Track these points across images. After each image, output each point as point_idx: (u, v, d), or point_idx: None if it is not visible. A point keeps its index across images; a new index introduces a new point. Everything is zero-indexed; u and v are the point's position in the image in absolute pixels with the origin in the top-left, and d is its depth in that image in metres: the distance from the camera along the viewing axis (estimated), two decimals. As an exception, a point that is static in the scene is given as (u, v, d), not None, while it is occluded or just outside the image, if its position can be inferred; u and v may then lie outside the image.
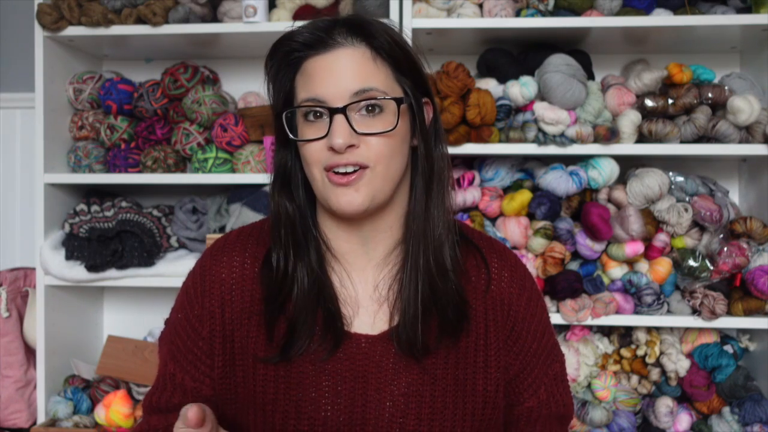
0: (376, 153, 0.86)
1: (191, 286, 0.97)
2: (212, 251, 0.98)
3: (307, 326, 0.90)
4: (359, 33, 0.86)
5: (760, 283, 1.73)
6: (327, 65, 0.85)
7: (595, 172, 1.79)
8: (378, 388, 0.90)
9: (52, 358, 1.95)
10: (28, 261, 2.16)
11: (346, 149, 0.84)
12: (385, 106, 0.86)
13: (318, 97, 0.85)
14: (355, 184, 0.86)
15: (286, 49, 0.88)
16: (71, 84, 2.01)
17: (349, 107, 0.85)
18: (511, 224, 1.81)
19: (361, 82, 0.85)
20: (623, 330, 1.90)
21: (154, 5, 1.83)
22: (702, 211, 1.79)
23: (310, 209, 0.95)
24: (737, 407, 1.81)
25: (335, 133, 0.84)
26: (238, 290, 0.94)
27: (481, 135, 1.77)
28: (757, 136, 1.76)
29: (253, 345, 0.92)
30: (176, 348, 0.96)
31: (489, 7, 1.81)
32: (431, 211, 0.92)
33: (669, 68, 1.80)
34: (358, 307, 0.93)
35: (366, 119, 0.86)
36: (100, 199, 1.99)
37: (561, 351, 1.02)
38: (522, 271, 1.00)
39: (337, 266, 0.94)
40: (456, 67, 1.78)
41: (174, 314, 0.99)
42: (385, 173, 0.87)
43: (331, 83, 0.85)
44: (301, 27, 0.87)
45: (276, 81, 0.91)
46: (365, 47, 0.87)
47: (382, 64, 0.87)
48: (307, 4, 1.90)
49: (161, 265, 1.93)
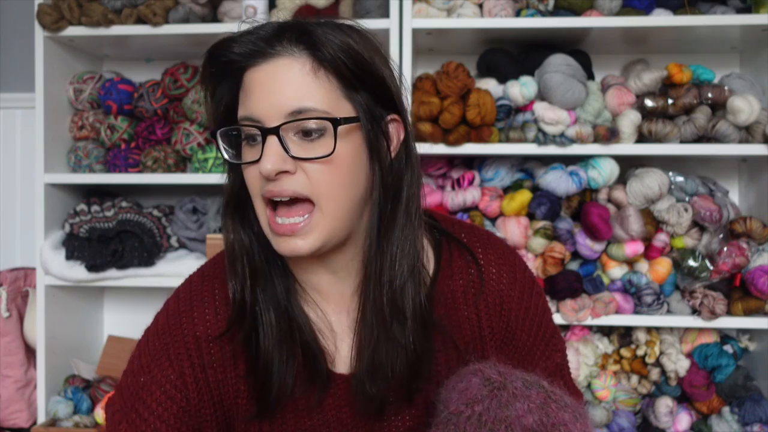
0: (317, 183, 0.75)
1: (159, 349, 0.84)
2: (178, 305, 0.86)
3: (284, 366, 0.81)
4: (302, 40, 0.75)
5: (760, 283, 1.73)
6: (263, 79, 0.75)
7: (595, 172, 1.80)
8: (380, 430, 0.86)
9: (52, 358, 1.95)
10: (28, 261, 2.17)
11: (278, 175, 0.74)
12: (325, 128, 0.74)
13: (253, 116, 0.75)
14: (301, 233, 0.76)
15: (224, 59, 0.77)
16: (71, 84, 2.01)
17: (284, 128, 0.74)
18: (511, 224, 1.81)
19: (297, 101, 0.73)
20: (623, 330, 1.90)
21: (154, 5, 1.83)
22: (702, 211, 1.79)
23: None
24: (737, 407, 1.81)
25: (265, 157, 0.73)
26: (217, 345, 0.84)
27: (481, 135, 1.77)
28: (757, 136, 1.76)
29: (243, 404, 0.85)
30: (140, 419, 0.82)
31: (489, 7, 1.81)
32: (390, 251, 0.80)
33: (669, 68, 1.80)
34: (337, 340, 0.85)
35: (304, 143, 0.75)
36: (101, 199, 1.99)
37: (561, 339, 0.96)
38: (511, 258, 0.92)
39: (310, 299, 0.86)
40: (456, 67, 1.78)
41: (132, 378, 0.85)
42: (335, 212, 0.76)
43: (266, 101, 0.74)
44: (243, 33, 0.77)
45: (216, 93, 0.80)
46: (306, 57, 0.75)
47: (325, 77, 0.75)
48: (307, 4, 1.90)
49: (161, 265, 1.93)
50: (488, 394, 0.75)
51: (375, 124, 0.78)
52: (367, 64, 0.76)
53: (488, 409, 0.74)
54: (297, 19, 0.79)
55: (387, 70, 0.80)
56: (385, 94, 0.79)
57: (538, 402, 0.74)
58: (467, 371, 0.81)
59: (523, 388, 0.76)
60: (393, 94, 0.80)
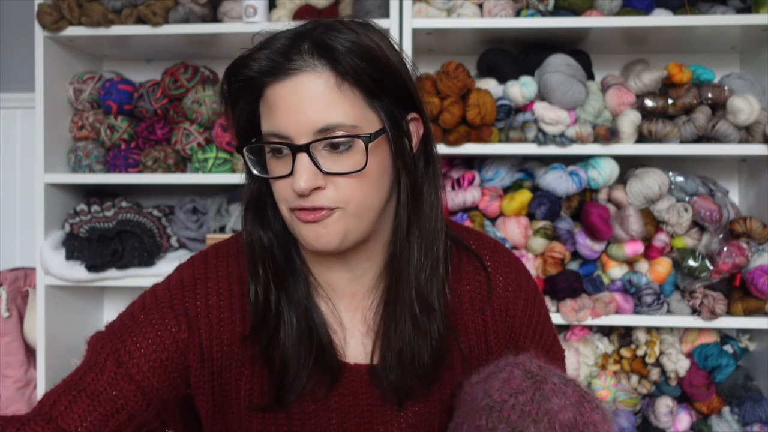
0: (346, 194, 0.76)
1: (166, 299, 0.83)
2: (193, 271, 0.86)
3: (301, 363, 0.82)
4: (322, 55, 0.74)
5: (760, 283, 1.73)
6: (287, 96, 0.74)
7: (595, 172, 1.80)
8: (384, 421, 0.86)
9: (52, 358, 1.95)
10: (28, 261, 2.17)
11: (311, 192, 0.75)
12: (354, 142, 0.75)
13: (280, 133, 0.75)
14: (323, 221, 0.76)
15: (242, 77, 0.76)
16: (71, 84, 2.01)
17: (314, 144, 0.74)
18: (511, 224, 1.81)
19: (324, 117, 0.73)
20: (623, 330, 1.90)
21: (154, 5, 1.83)
22: (702, 211, 1.79)
23: (291, 236, 0.83)
24: (737, 407, 1.81)
25: (298, 175, 0.74)
26: (228, 322, 0.84)
27: (481, 135, 1.77)
28: (757, 136, 1.76)
29: (246, 389, 0.85)
30: (124, 349, 0.80)
31: (489, 7, 1.81)
32: (416, 247, 0.82)
33: (669, 68, 1.80)
34: (347, 335, 0.86)
35: (333, 156, 0.75)
36: (101, 199, 1.99)
37: (560, 347, 0.98)
38: (516, 267, 0.94)
39: (323, 294, 0.87)
40: (456, 67, 1.78)
41: (127, 316, 0.84)
42: (359, 212, 0.77)
43: (293, 118, 0.74)
44: (257, 49, 0.75)
45: (237, 108, 0.80)
46: (329, 72, 0.74)
47: (349, 90, 0.75)
48: (307, 4, 1.90)
49: (161, 265, 1.93)
50: (531, 386, 0.78)
51: (398, 128, 0.79)
52: (386, 67, 0.76)
53: (531, 400, 0.76)
54: (310, 25, 0.78)
55: (403, 68, 0.80)
56: (404, 94, 0.80)
57: (573, 399, 0.77)
58: (506, 363, 0.83)
59: (561, 384, 0.78)
60: (411, 92, 0.81)
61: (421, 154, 0.84)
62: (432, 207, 0.83)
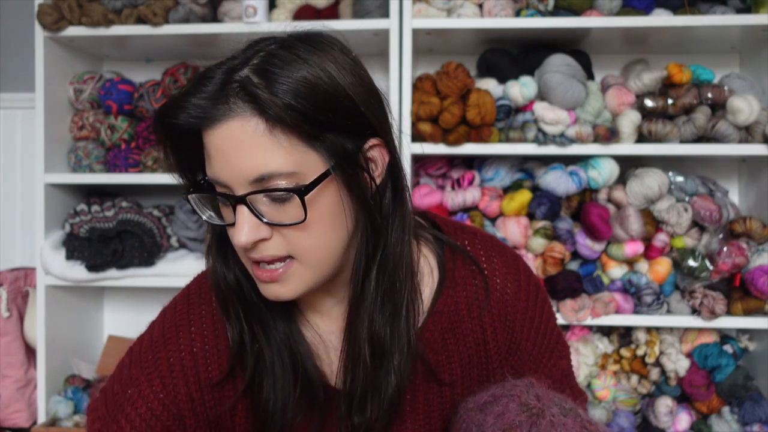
0: (295, 244, 0.71)
1: (152, 363, 0.81)
2: (175, 317, 0.83)
3: (286, 397, 0.79)
4: (247, 100, 0.67)
5: (760, 282, 1.73)
6: (220, 143, 0.68)
7: (594, 172, 1.80)
8: None
9: (53, 358, 1.96)
10: (28, 261, 2.17)
11: (256, 244, 0.70)
12: (289, 194, 0.68)
13: (219, 181, 0.70)
14: (281, 280, 0.72)
15: (175, 124, 0.69)
16: (71, 84, 2.01)
17: (251, 196, 0.68)
18: (510, 224, 1.81)
19: (257, 167, 0.67)
20: (623, 330, 1.90)
21: (155, 5, 1.84)
22: (702, 211, 1.79)
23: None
24: (737, 407, 1.82)
25: (238, 228, 0.69)
26: (216, 364, 0.81)
27: (481, 135, 1.77)
28: (757, 136, 1.77)
29: (242, 425, 0.84)
30: (122, 416, 0.80)
31: (489, 7, 1.81)
32: (373, 292, 0.76)
33: (669, 68, 1.80)
34: (332, 355, 0.84)
35: (276, 205, 0.69)
36: (101, 199, 1.99)
37: (565, 344, 0.94)
38: (515, 265, 0.89)
39: (306, 321, 0.83)
40: (456, 67, 1.78)
41: (118, 387, 0.83)
42: (316, 261, 0.72)
43: (227, 166, 0.68)
44: (186, 93, 0.68)
45: (176, 155, 0.73)
46: (257, 118, 0.66)
47: (283, 134, 0.67)
48: (307, 4, 1.90)
49: (162, 265, 1.93)
50: (526, 421, 0.74)
51: (350, 163, 0.71)
52: (333, 99, 0.68)
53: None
54: (252, 51, 0.71)
55: (362, 91, 0.71)
56: (358, 122, 0.70)
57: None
58: (502, 393, 0.79)
59: (560, 416, 0.75)
60: (368, 119, 0.71)
61: (388, 182, 0.76)
62: (399, 242, 0.76)
